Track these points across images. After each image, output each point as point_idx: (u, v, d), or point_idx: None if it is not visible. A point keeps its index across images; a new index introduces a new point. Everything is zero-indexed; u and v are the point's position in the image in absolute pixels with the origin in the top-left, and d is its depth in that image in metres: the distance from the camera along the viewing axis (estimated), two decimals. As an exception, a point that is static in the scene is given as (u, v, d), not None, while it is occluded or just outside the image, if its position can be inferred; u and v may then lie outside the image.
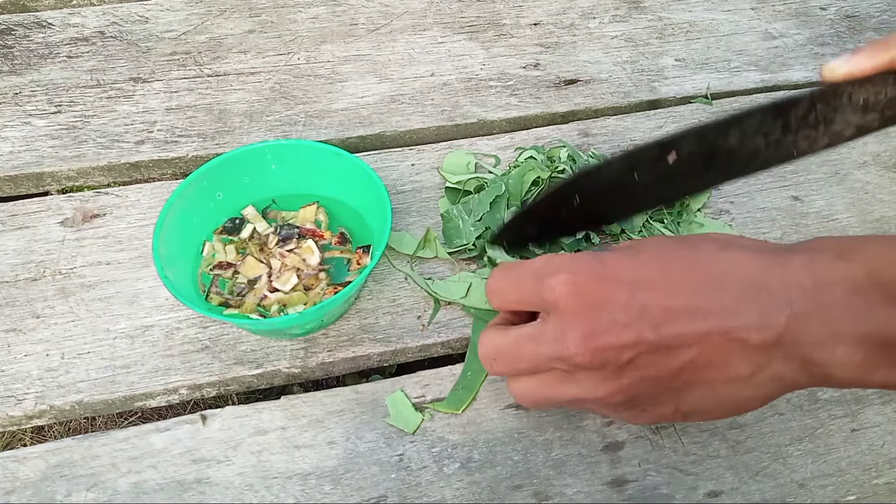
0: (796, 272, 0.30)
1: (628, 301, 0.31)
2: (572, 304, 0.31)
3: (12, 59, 0.63)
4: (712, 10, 0.70)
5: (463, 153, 0.56)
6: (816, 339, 0.29)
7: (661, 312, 0.30)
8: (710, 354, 0.30)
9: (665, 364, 0.31)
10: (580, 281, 0.31)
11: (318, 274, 0.47)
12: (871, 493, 0.41)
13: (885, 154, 0.58)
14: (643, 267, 0.32)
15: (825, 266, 0.29)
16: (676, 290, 0.31)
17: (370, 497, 0.41)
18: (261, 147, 0.49)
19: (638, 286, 0.31)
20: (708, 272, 0.31)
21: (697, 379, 0.31)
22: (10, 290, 0.48)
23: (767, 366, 0.30)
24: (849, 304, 0.29)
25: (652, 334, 0.30)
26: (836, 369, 0.29)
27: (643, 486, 0.41)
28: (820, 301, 0.29)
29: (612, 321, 0.31)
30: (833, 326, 0.29)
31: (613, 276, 0.31)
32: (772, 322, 0.29)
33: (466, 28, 0.68)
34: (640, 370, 0.31)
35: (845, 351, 0.29)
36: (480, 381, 0.44)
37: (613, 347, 0.31)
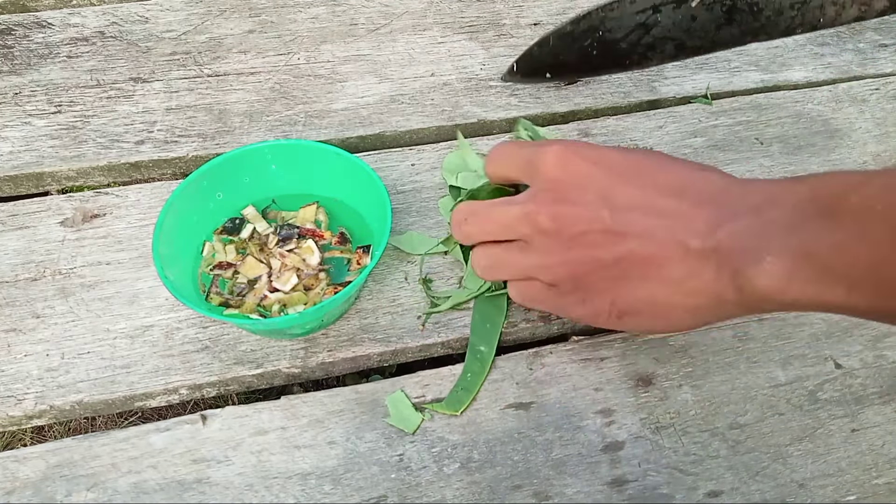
0: (752, 191, 0.32)
1: (601, 182, 0.34)
2: (556, 173, 0.35)
3: (12, 59, 0.63)
4: (712, 10, 0.70)
5: (463, 153, 0.56)
6: (749, 249, 0.30)
7: (623, 199, 0.33)
8: (651, 248, 0.33)
9: (609, 247, 0.33)
10: (570, 155, 0.35)
11: (318, 274, 0.47)
12: (871, 493, 0.41)
13: (885, 154, 0.58)
14: (628, 162, 0.34)
15: (778, 185, 0.32)
16: (645, 185, 0.33)
17: (370, 497, 0.41)
18: (261, 147, 0.49)
19: (613, 173, 0.34)
20: (678, 179, 0.33)
21: (635, 273, 0.34)
22: (10, 290, 0.48)
23: (699, 272, 0.32)
24: (787, 219, 0.30)
25: (608, 216, 0.33)
26: (757, 278, 0.30)
27: (643, 486, 0.41)
28: (764, 215, 0.31)
29: (580, 195, 0.34)
30: (768, 238, 0.30)
31: (597, 159, 0.34)
32: (714, 230, 0.31)
33: (466, 28, 0.68)
34: (586, 247, 0.34)
35: (770, 261, 0.30)
36: (480, 382, 0.44)
37: (571, 216, 0.34)
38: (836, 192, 0.29)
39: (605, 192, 0.33)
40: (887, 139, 0.59)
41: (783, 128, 0.59)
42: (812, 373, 0.46)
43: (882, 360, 0.46)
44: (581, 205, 0.34)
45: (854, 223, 0.28)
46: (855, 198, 0.28)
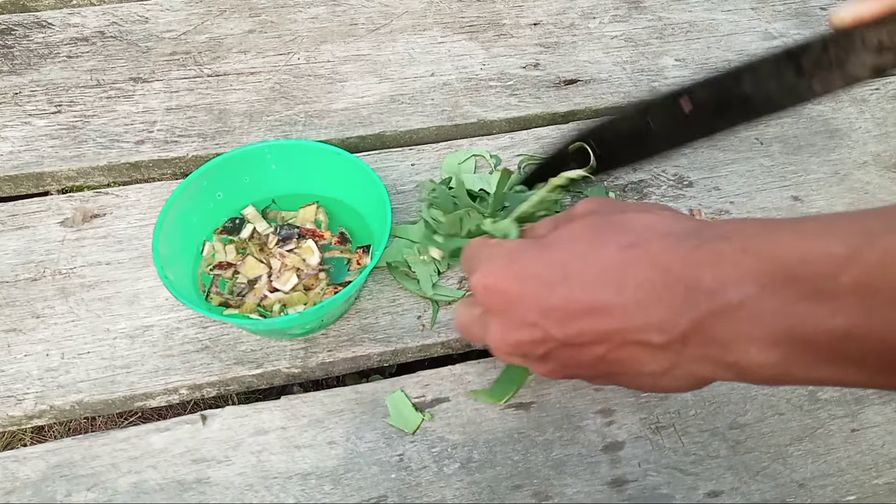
0: (699, 269, 0.28)
1: (534, 299, 0.32)
2: (489, 303, 0.34)
3: (12, 59, 0.63)
4: (712, 10, 0.70)
5: (463, 153, 0.56)
6: (726, 340, 0.28)
7: (563, 312, 0.31)
8: (617, 353, 0.31)
9: (580, 357, 0.32)
10: (490, 282, 0.33)
11: (318, 274, 0.47)
12: (871, 493, 0.41)
13: (885, 154, 0.58)
14: (549, 264, 0.32)
15: (728, 262, 0.28)
16: (578, 288, 0.31)
17: (370, 497, 0.41)
18: (261, 147, 0.49)
19: (542, 285, 0.32)
20: (610, 271, 0.31)
21: (615, 370, 0.32)
22: (10, 290, 0.48)
23: (678, 364, 0.30)
24: (760, 303, 0.27)
25: (557, 332, 0.31)
26: (752, 368, 0.28)
27: (643, 486, 0.41)
28: (723, 300, 0.27)
29: (521, 320, 0.32)
30: (742, 326, 0.27)
31: (522, 275, 0.32)
32: (674, 324, 0.29)
33: (466, 28, 0.68)
34: (559, 360, 0.33)
35: (759, 351, 0.27)
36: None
37: (526, 343, 0.33)
38: (821, 272, 0.26)
39: (542, 309, 0.31)
40: (887, 139, 0.59)
41: (783, 128, 0.59)
42: (812, 373, 0.46)
43: (882, 360, 0.46)
44: (526, 329, 0.32)
45: (857, 307, 0.25)
46: (847, 278, 0.25)
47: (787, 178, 0.56)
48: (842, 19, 0.36)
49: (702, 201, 0.54)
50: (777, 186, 0.55)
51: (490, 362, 0.46)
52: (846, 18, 0.35)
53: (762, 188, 0.55)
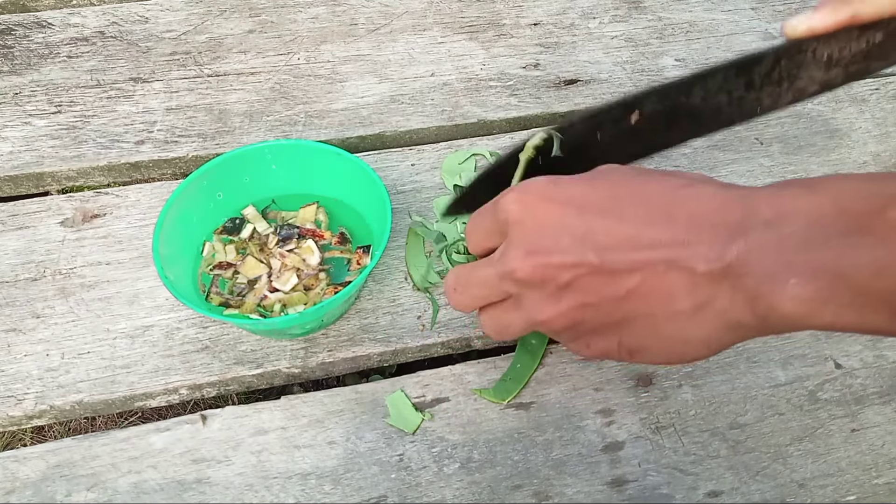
0: (758, 204, 0.28)
1: (574, 223, 0.30)
2: (521, 222, 0.31)
3: (12, 59, 0.63)
4: (712, 10, 0.70)
5: (463, 153, 0.56)
6: (767, 270, 0.27)
7: (606, 237, 0.30)
8: (654, 283, 0.29)
9: (605, 290, 0.30)
10: (530, 200, 0.31)
11: (318, 274, 0.47)
12: (871, 493, 0.41)
13: (885, 154, 0.58)
14: (597, 192, 0.31)
15: (789, 197, 0.28)
16: (626, 217, 0.30)
17: (370, 497, 0.41)
18: (261, 147, 0.49)
19: (587, 210, 0.30)
20: (662, 203, 0.30)
21: (639, 310, 0.30)
22: (10, 290, 0.48)
23: (712, 300, 0.29)
24: (807, 235, 0.27)
25: (594, 257, 0.30)
26: (782, 304, 0.27)
27: (643, 486, 0.41)
28: (779, 231, 0.27)
29: (555, 241, 0.30)
30: (788, 256, 0.27)
31: (564, 198, 0.31)
32: (723, 252, 0.28)
33: (466, 28, 0.68)
34: (579, 294, 0.31)
35: (796, 283, 0.26)
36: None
37: (554, 265, 0.30)
38: (869, 206, 0.26)
39: (582, 232, 0.30)
40: (887, 139, 0.59)
41: (783, 128, 0.59)
42: (812, 373, 0.46)
43: (882, 360, 0.46)
44: (559, 252, 0.30)
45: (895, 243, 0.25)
46: (893, 213, 0.25)
47: (787, 178, 0.56)
48: (794, 28, 0.35)
49: (702, 201, 0.54)
50: (777, 186, 0.55)
51: (490, 362, 0.46)
52: (799, 28, 0.35)
53: (762, 188, 0.55)
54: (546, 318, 0.32)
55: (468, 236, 0.36)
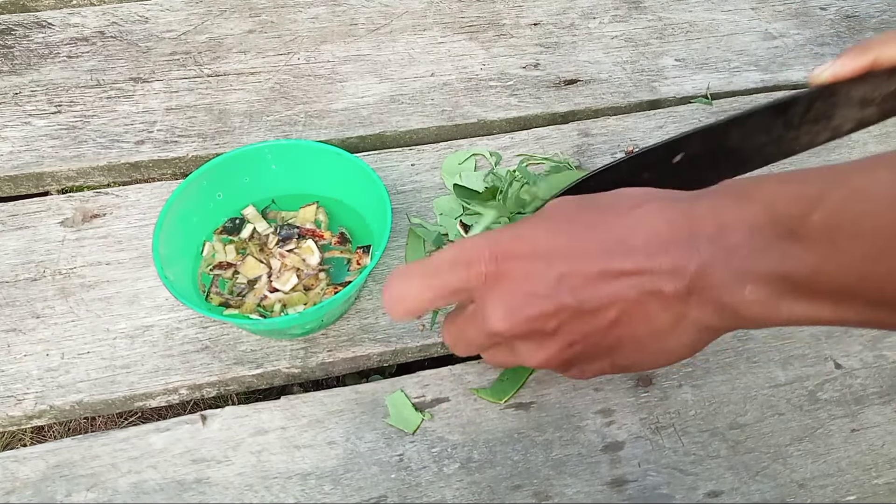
0: (701, 219, 0.30)
1: (545, 271, 0.32)
2: (494, 283, 0.32)
3: (12, 59, 0.63)
4: (712, 10, 0.70)
5: (463, 153, 0.56)
6: (724, 282, 0.30)
7: (577, 279, 0.31)
8: (631, 311, 0.31)
9: (590, 326, 0.32)
10: (501, 260, 0.32)
11: (318, 274, 0.47)
12: (871, 493, 0.41)
13: (885, 154, 0.58)
14: (558, 237, 0.32)
15: (726, 210, 0.30)
16: (589, 254, 0.32)
17: (370, 497, 0.41)
18: (261, 147, 0.49)
19: (553, 256, 0.32)
20: (617, 234, 0.32)
21: (623, 335, 0.32)
22: (10, 290, 0.48)
23: (686, 314, 0.31)
24: (750, 244, 0.29)
25: (572, 300, 0.31)
26: (744, 308, 0.30)
27: (643, 486, 0.41)
28: (723, 244, 0.29)
29: (531, 293, 0.32)
30: (737, 267, 0.29)
31: (529, 251, 0.32)
32: (682, 271, 0.30)
33: (466, 28, 0.68)
34: (567, 336, 0.32)
35: (752, 289, 0.29)
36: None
37: (536, 318, 0.32)
38: (794, 212, 0.28)
39: (555, 279, 0.31)
40: (887, 139, 0.59)
41: (783, 128, 0.59)
42: (812, 373, 0.46)
43: (882, 360, 0.46)
44: (537, 303, 0.32)
45: (823, 244, 0.28)
46: (817, 217, 0.28)
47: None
48: (818, 77, 0.38)
49: (702, 201, 0.54)
50: (777, 186, 0.55)
51: (490, 362, 0.46)
52: (823, 76, 0.38)
53: (762, 188, 0.55)
54: (539, 363, 0.34)
55: (399, 299, 0.34)
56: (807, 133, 0.40)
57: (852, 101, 0.38)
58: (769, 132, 0.40)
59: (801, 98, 0.38)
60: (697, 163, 0.40)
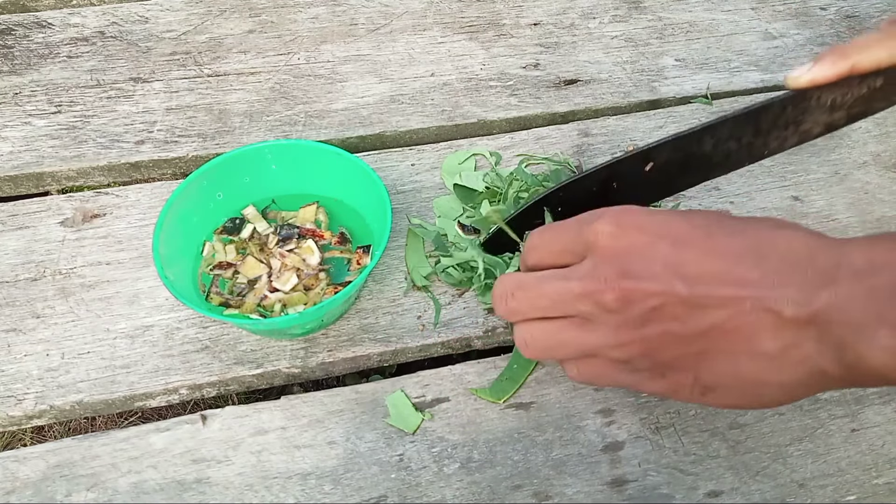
0: (850, 252, 0.28)
1: (668, 253, 0.31)
2: (613, 245, 0.31)
3: (12, 59, 0.63)
4: (712, 10, 0.70)
5: (463, 153, 0.56)
6: (858, 320, 0.27)
7: (697, 270, 0.30)
8: (739, 321, 0.29)
9: (690, 322, 0.30)
10: (625, 225, 0.31)
11: (318, 274, 0.47)
12: (871, 493, 0.41)
13: (885, 154, 0.58)
14: (691, 228, 0.31)
15: (883, 249, 0.28)
16: (718, 252, 0.30)
17: (370, 497, 0.41)
18: (261, 147, 0.49)
19: (680, 241, 0.31)
20: (755, 243, 0.30)
21: (721, 347, 0.30)
22: (10, 290, 0.48)
23: (798, 345, 0.29)
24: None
25: (683, 288, 0.30)
26: (872, 354, 0.27)
27: (643, 486, 0.41)
28: (870, 281, 0.27)
29: (647, 268, 0.31)
30: (879, 307, 0.27)
31: (658, 228, 0.31)
32: (812, 298, 0.28)
33: (466, 28, 0.68)
34: (662, 323, 0.31)
35: (887, 335, 0.26)
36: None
37: (642, 291, 0.30)
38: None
39: (673, 262, 0.30)
40: (887, 139, 0.59)
41: (783, 128, 0.59)
42: (812, 373, 0.46)
43: (882, 360, 0.46)
44: (649, 278, 0.30)
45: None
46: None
47: (787, 178, 0.56)
48: (797, 80, 0.37)
49: (702, 202, 0.54)
50: (777, 186, 0.55)
51: (490, 362, 0.46)
52: (801, 80, 0.37)
53: (762, 188, 0.55)
54: (623, 342, 0.32)
55: (534, 246, 0.35)
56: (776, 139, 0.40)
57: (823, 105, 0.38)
58: (739, 139, 0.40)
59: (773, 104, 0.38)
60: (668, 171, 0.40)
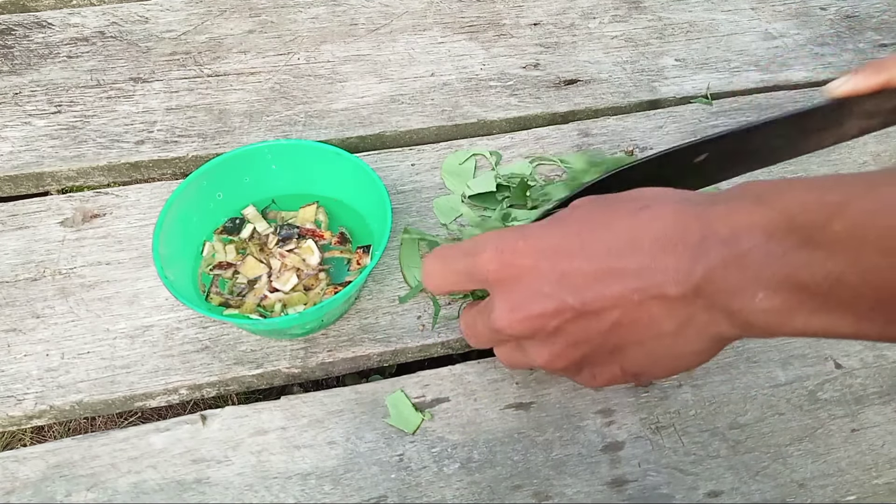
0: (714, 222, 0.29)
1: (549, 271, 0.32)
2: (500, 279, 0.33)
3: (12, 59, 0.63)
4: (712, 10, 0.70)
5: (463, 153, 0.56)
6: (735, 287, 0.29)
7: (580, 278, 0.31)
8: (634, 314, 0.31)
9: (591, 328, 0.32)
10: (505, 257, 0.33)
11: (318, 274, 0.47)
12: (871, 493, 0.41)
13: (885, 154, 0.58)
14: (564, 238, 0.32)
15: (743, 213, 0.29)
16: (595, 254, 0.31)
17: (370, 497, 0.41)
18: (261, 147, 0.49)
19: (558, 256, 0.32)
20: (625, 234, 0.31)
21: (627, 338, 0.32)
22: (10, 290, 0.48)
23: (691, 318, 0.30)
24: (766, 250, 0.28)
25: (574, 300, 0.31)
26: (755, 316, 0.29)
27: (643, 486, 0.41)
28: (737, 248, 0.28)
29: (535, 292, 0.32)
30: (750, 273, 0.28)
31: (536, 250, 0.32)
32: (689, 273, 0.29)
33: (466, 28, 0.68)
34: (568, 336, 0.32)
35: (764, 297, 0.28)
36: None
37: (538, 317, 0.32)
38: (815, 220, 0.27)
39: (557, 278, 0.31)
40: (887, 139, 0.59)
41: (783, 128, 0.59)
42: (812, 373, 0.46)
43: (882, 360, 0.46)
44: (539, 301, 0.32)
45: (846, 253, 0.26)
46: (839, 225, 0.26)
47: (787, 178, 0.56)
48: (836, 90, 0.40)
49: (702, 201, 0.54)
50: (777, 186, 0.55)
51: (490, 362, 0.46)
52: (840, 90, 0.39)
53: (762, 188, 0.55)
54: (545, 362, 0.34)
55: (427, 275, 0.37)
56: (816, 138, 0.43)
57: (861, 113, 0.41)
58: (786, 138, 0.42)
59: (817, 109, 0.41)
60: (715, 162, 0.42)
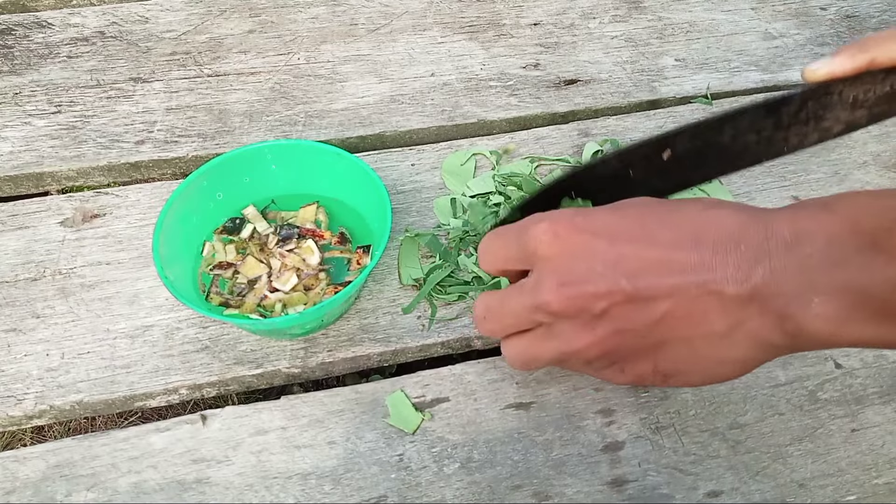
0: (778, 225, 0.29)
1: (606, 251, 0.31)
2: (551, 253, 0.32)
3: (12, 59, 0.63)
4: (712, 10, 0.70)
5: (463, 153, 0.56)
6: (792, 291, 0.28)
7: (637, 263, 0.31)
8: (687, 307, 0.30)
9: (640, 316, 0.31)
10: (560, 230, 0.32)
11: (318, 274, 0.47)
12: (871, 493, 0.41)
13: (885, 154, 0.58)
14: (624, 221, 0.32)
15: (807, 218, 0.29)
16: (656, 242, 0.31)
17: (370, 497, 0.41)
18: (261, 147, 0.49)
19: (617, 238, 0.31)
20: (688, 228, 0.31)
21: (674, 334, 0.31)
22: (10, 290, 0.48)
23: (744, 321, 0.30)
24: (827, 254, 0.28)
25: (627, 284, 0.30)
26: (808, 322, 0.28)
27: (643, 486, 0.41)
28: (798, 252, 0.28)
29: (588, 270, 0.31)
30: (809, 277, 0.28)
31: (593, 228, 0.32)
32: (749, 274, 0.29)
33: (466, 28, 0.68)
34: (614, 322, 0.31)
35: (819, 302, 0.28)
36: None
37: (587, 295, 0.31)
38: (880, 224, 0.27)
39: (613, 260, 0.31)
40: (887, 139, 0.59)
41: (783, 128, 0.59)
42: (812, 373, 0.46)
43: (882, 360, 0.46)
44: (592, 280, 0.31)
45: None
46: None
47: (787, 178, 0.56)
48: (814, 72, 0.37)
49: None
50: (777, 186, 0.55)
51: (490, 362, 0.46)
52: (819, 72, 0.37)
53: (762, 188, 0.55)
54: (581, 347, 0.32)
55: (483, 253, 0.36)
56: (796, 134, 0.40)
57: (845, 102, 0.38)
58: (759, 132, 0.39)
59: (793, 98, 0.38)
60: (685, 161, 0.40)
